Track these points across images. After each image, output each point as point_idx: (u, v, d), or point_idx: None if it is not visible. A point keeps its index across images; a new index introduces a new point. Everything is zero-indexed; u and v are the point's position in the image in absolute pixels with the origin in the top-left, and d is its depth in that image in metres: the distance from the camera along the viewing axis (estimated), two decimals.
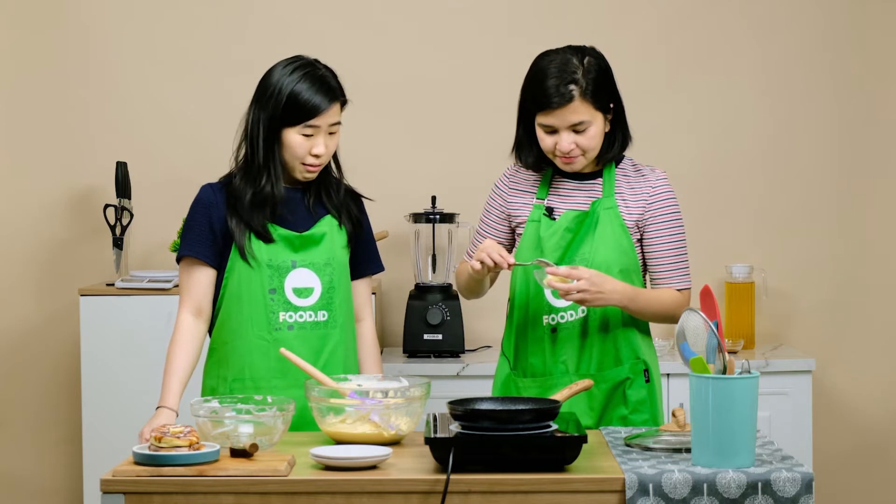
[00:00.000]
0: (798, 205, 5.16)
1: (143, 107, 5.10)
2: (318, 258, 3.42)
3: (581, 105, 3.33)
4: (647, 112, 5.11)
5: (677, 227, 3.45)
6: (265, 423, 3.02)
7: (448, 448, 2.82)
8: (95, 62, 5.10)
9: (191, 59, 5.08)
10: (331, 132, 3.41)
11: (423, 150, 5.15)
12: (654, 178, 3.45)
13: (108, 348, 4.63)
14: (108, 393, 4.63)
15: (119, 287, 4.69)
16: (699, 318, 2.94)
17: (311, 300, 3.41)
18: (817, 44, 5.12)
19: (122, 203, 4.90)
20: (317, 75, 3.37)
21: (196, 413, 3.04)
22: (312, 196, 3.46)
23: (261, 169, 3.38)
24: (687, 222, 5.12)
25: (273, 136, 3.36)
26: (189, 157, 5.09)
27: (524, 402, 3.06)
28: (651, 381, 3.42)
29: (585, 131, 3.36)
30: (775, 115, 5.15)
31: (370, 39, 5.12)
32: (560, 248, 3.40)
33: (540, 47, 3.47)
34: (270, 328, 3.38)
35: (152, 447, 2.86)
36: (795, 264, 5.16)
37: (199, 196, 3.44)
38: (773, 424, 4.63)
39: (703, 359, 2.88)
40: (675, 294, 3.42)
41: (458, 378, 4.64)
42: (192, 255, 3.40)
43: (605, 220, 3.39)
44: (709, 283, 3.17)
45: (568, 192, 3.45)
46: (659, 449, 3.01)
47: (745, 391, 2.81)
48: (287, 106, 3.34)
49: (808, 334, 5.16)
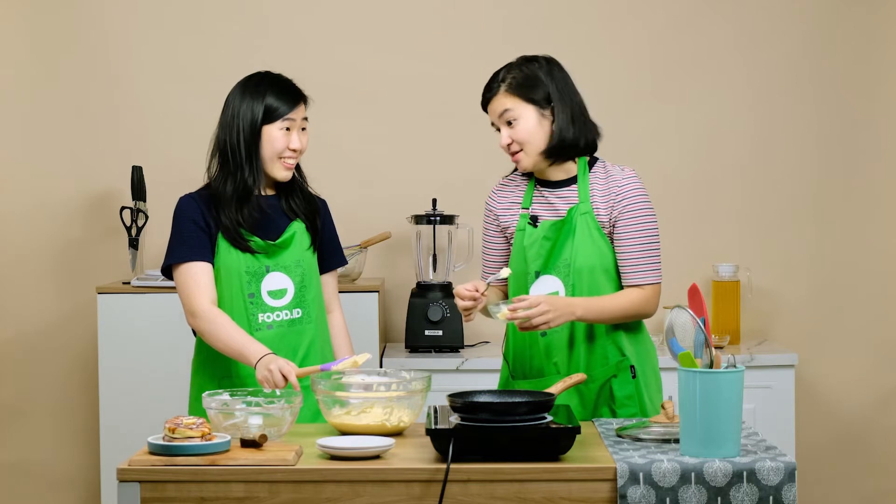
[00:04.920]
0: (781, 207, 5.16)
1: (159, 113, 5.10)
2: (288, 261, 3.49)
3: (505, 97, 3.36)
4: (636, 118, 5.12)
5: (645, 223, 3.37)
6: (274, 414, 3.02)
7: (448, 439, 2.82)
8: (115, 69, 5.09)
9: (206, 67, 5.08)
10: (303, 127, 3.51)
11: (423, 155, 5.14)
12: (622, 177, 3.39)
13: (123, 344, 4.63)
14: (124, 386, 4.62)
15: (134, 285, 4.69)
16: (687, 314, 2.94)
17: (285, 300, 3.48)
18: (798, 52, 5.12)
19: (137, 205, 4.89)
20: (281, 80, 3.52)
21: (208, 406, 3.04)
22: (283, 202, 3.54)
23: (242, 165, 3.45)
24: (675, 223, 5.17)
25: (254, 136, 3.45)
26: (202, 161, 5.08)
27: (520, 394, 3.06)
28: (638, 376, 3.41)
29: (516, 124, 3.36)
30: (758, 122, 5.15)
31: (374, 45, 5.11)
32: (541, 255, 3.38)
33: (538, 51, 3.48)
34: (251, 329, 3.43)
35: (166, 437, 2.86)
36: (779, 263, 5.16)
37: (180, 206, 3.50)
38: (757, 416, 4.63)
39: (691, 354, 2.88)
40: (634, 293, 3.34)
41: (457, 372, 4.64)
42: (189, 258, 3.43)
43: (582, 226, 3.36)
44: (696, 282, 3.16)
45: (549, 201, 3.43)
46: (649, 440, 3.01)
47: (730, 385, 2.80)
48: (266, 107, 3.44)
49: (791, 330, 5.16)
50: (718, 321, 4.98)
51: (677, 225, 5.17)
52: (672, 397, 3.15)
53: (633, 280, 3.36)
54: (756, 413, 4.63)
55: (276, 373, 3.23)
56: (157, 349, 4.61)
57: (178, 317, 4.56)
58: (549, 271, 3.36)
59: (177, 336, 4.57)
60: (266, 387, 3.23)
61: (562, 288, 3.35)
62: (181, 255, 3.43)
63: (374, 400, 3.11)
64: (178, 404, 4.14)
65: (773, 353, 4.76)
